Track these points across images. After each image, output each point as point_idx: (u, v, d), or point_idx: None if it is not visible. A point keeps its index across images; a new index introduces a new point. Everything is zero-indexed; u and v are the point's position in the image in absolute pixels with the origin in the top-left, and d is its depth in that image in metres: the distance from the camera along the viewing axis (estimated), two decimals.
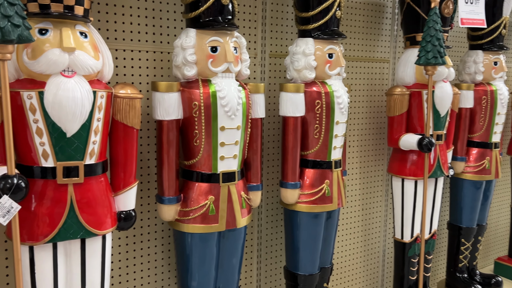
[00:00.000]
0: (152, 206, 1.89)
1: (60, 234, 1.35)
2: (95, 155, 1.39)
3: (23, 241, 1.33)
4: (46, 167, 1.33)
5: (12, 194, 1.20)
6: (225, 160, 1.66)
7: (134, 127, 1.48)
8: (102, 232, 1.43)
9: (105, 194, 1.45)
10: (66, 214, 1.35)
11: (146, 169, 1.85)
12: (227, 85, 1.61)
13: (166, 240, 1.95)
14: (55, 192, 1.34)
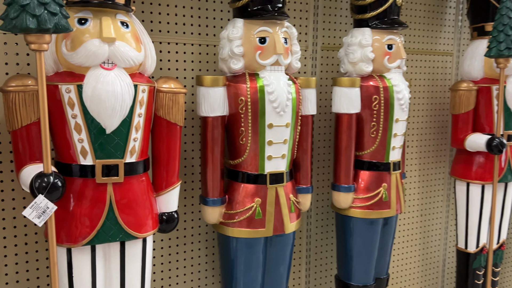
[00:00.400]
0: (195, 208, 1.81)
1: (98, 236, 1.29)
2: (136, 153, 1.32)
3: (60, 243, 1.28)
4: (84, 165, 1.27)
5: (48, 193, 1.14)
6: (272, 160, 1.55)
7: (177, 124, 1.40)
8: (143, 235, 1.36)
9: (146, 194, 1.38)
10: (105, 215, 1.29)
11: (190, 168, 1.77)
12: (276, 79, 1.50)
13: (210, 243, 1.86)
14: (94, 191, 1.28)
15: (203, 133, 1.56)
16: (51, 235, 1.18)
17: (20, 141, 1.24)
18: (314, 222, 2.10)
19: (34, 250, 1.54)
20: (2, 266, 1.50)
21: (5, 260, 1.51)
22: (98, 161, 1.26)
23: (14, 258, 1.52)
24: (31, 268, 1.55)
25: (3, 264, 1.51)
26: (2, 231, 1.49)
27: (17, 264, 1.53)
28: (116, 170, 1.28)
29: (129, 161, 1.31)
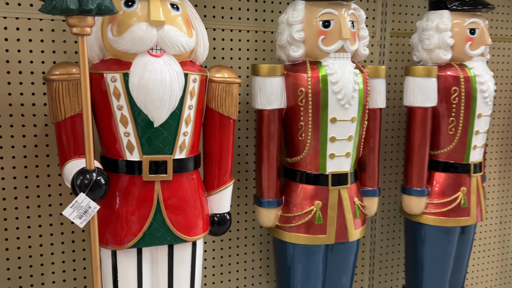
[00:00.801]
0: (249, 209, 1.69)
1: (145, 239, 1.20)
2: (186, 148, 1.22)
3: (105, 245, 1.20)
4: (131, 161, 1.18)
5: (90, 191, 1.06)
6: (335, 159, 1.40)
7: (230, 117, 1.29)
8: (192, 238, 1.26)
9: (197, 193, 1.27)
10: (152, 216, 1.20)
11: (244, 166, 1.66)
12: (341, 67, 1.35)
13: (264, 247, 1.74)
14: (141, 190, 1.19)
15: (258, 128, 1.43)
16: (93, 237, 1.10)
17: (64, 133, 1.17)
18: (379, 228, 1.93)
19: (81, 249, 1.49)
20: (49, 264, 1.46)
21: (52, 258, 1.46)
22: (145, 157, 1.17)
23: (61, 256, 1.47)
24: (78, 267, 1.50)
25: (49, 262, 1.46)
26: (48, 228, 1.44)
27: (64, 263, 1.48)
28: (164, 167, 1.19)
29: (179, 157, 1.21)
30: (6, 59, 1.32)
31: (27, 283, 1.44)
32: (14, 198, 1.39)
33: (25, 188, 1.40)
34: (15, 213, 1.39)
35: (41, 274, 1.46)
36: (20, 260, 1.42)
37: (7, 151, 1.36)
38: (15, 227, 1.40)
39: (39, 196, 1.42)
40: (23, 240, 1.42)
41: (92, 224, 1.10)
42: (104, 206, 1.18)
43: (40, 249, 1.44)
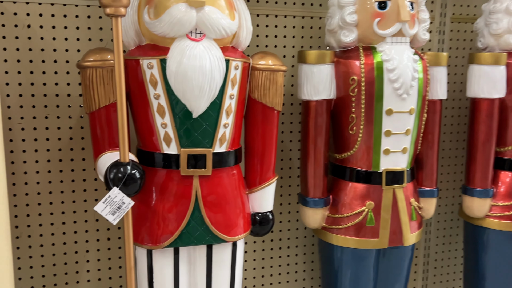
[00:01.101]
0: (293, 208, 1.60)
1: (182, 238, 1.13)
2: (226, 141, 1.14)
3: (141, 243, 1.14)
4: (168, 154, 1.11)
5: (124, 186, 0.99)
6: (390, 155, 1.29)
7: (274, 108, 1.20)
8: (233, 239, 1.18)
9: (238, 190, 1.19)
10: (189, 213, 1.13)
11: (287, 162, 1.57)
12: (399, 53, 1.24)
13: (309, 249, 1.65)
14: (178, 185, 1.12)
15: (304, 121, 1.34)
16: (127, 235, 1.04)
17: (98, 124, 1.11)
18: (435, 231, 1.79)
19: (117, 247, 1.44)
20: (83, 262, 1.41)
21: (87, 255, 1.42)
22: (183, 150, 1.10)
23: (96, 254, 1.43)
24: (114, 266, 1.45)
25: (84, 260, 1.42)
26: (84, 224, 1.40)
27: (99, 261, 1.43)
28: (203, 161, 1.11)
29: (219, 151, 1.13)
30: (41, 47, 1.28)
31: (61, 281, 1.41)
32: (48, 192, 1.35)
33: (59, 182, 1.35)
34: (50, 208, 1.36)
35: (76, 272, 1.42)
36: (54, 257, 1.39)
37: (42, 143, 1.32)
38: (50, 223, 1.36)
39: (74, 191, 1.37)
40: (57, 236, 1.38)
41: (126, 222, 1.03)
42: (139, 202, 1.12)
43: (74, 246, 1.40)
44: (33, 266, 1.37)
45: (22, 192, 1.33)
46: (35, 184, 1.33)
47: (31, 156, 1.31)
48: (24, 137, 1.30)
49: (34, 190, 1.33)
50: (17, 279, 1.36)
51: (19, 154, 1.30)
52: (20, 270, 1.36)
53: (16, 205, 1.33)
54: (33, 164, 1.32)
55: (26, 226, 1.34)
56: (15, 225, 1.33)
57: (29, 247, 1.36)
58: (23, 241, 1.35)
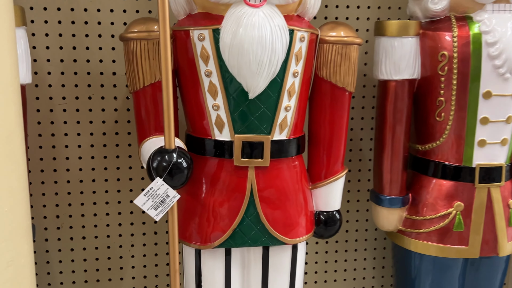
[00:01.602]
0: (362, 206, 1.43)
1: (235, 238, 1.00)
2: (287, 127, 0.99)
3: (188, 242, 1.03)
4: (220, 140, 0.98)
5: (168, 176, 0.87)
6: (486, 147, 1.09)
7: (346, 89, 1.04)
8: (293, 241, 1.04)
9: (299, 185, 1.05)
10: (243, 209, 1.00)
11: (357, 153, 1.40)
12: (501, 24, 1.04)
13: (379, 254, 1.48)
14: (231, 177, 0.99)
15: (381, 105, 1.17)
16: (172, 233, 0.92)
17: (143, 105, 1.00)
18: None
19: (164, 241, 1.34)
20: (128, 257, 1.32)
21: (132, 250, 1.32)
22: (237, 136, 0.96)
23: (142, 249, 1.33)
24: (161, 263, 1.36)
25: (129, 255, 1.33)
26: (129, 216, 1.30)
27: (144, 257, 1.34)
28: (260, 150, 0.97)
29: (278, 139, 0.99)
30: (84, 19, 1.18)
31: (104, 276, 1.32)
32: (92, 180, 1.26)
33: (103, 169, 1.26)
34: (93, 198, 1.27)
35: (120, 268, 1.33)
36: (97, 250, 1.31)
37: (85, 126, 1.23)
38: (93, 214, 1.28)
39: (119, 179, 1.28)
40: (101, 228, 1.29)
41: (170, 218, 0.92)
42: (186, 194, 1.01)
43: (119, 239, 1.31)
44: (75, 260, 1.30)
45: (64, 180, 1.25)
46: (77, 171, 1.25)
47: (73, 140, 1.23)
48: (66, 119, 1.22)
49: (76, 178, 1.25)
50: (57, 272, 1.30)
51: (61, 138, 1.22)
52: (61, 264, 1.29)
53: (57, 193, 1.25)
54: (75, 149, 1.24)
55: (67, 216, 1.27)
56: (56, 215, 1.26)
57: (71, 239, 1.28)
58: (64, 232, 1.28)
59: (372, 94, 1.36)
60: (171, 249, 0.94)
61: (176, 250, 0.94)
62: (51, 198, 1.25)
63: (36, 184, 1.23)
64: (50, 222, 1.26)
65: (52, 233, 1.27)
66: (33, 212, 1.20)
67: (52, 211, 1.26)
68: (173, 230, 0.91)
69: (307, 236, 1.07)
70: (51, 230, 1.27)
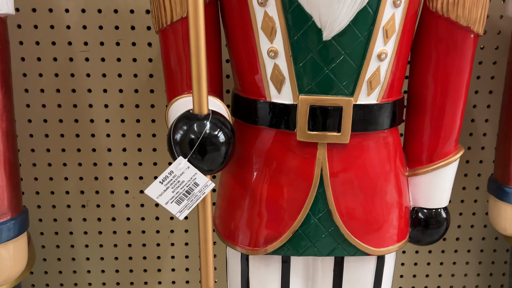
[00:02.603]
0: (479, 206, 1.08)
1: (295, 244, 0.72)
2: (380, 85, 0.67)
3: (233, 243, 0.75)
4: (278, 104, 0.67)
5: (197, 156, 0.59)
6: None
7: (471, 29, 0.69)
8: (379, 251, 0.73)
9: (392, 171, 0.73)
10: (308, 205, 0.70)
11: (469, 125, 1.04)
12: None
13: (499, 268, 1.12)
14: (293, 158, 0.69)
15: None
16: (203, 241, 0.64)
17: (171, 49, 0.71)
18: None
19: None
20: (167, 245, 1.08)
21: (171, 237, 1.08)
22: (303, 98, 0.65)
23: (184, 236, 1.08)
24: None
25: (168, 243, 1.08)
26: None
27: (187, 245, 1.09)
28: (336, 119, 0.66)
29: (365, 103, 0.67)
30: None
31: (139, 266, 1.09)
32: (122, 149, 1.02)
33: (136, 136, 1.01)
34: (123, 171, 1.03)
35: (157, 258, 1.09)
36: (130, 235, 1.07)
37: (112, 81, 0.97)
38: (124, 190, 1.04)
39: (155, 149, 1.02)
40: (134, 208, 1.05)
41: (202, 217, 0.63)
42: (229, 176, 0.73)
43: (156, 223, 1.07)
44: (103, 245, 1.07)
45: (88, 148, 1.01)
46: (105, 137, 1.00)
47: (99, 99, 0.98)
48: (88, 71, 0.96)
49: (103, 146, 1.01)
50: (84, 259, 1.08)
51: (83, 95, 0.98)
52: (87, 248, 1.07)
53: (80, 163, 1.02)
54: (101, 109, 0.99)
55: (94, 193, 1.04)
56: (80, 190, 1.03)
57: (98, 220, 1.06)
58: (91, 211, 1.05)
59: (494, 45, 0.98)
60: (202, 258, 0.66)
61: (210, 258, 0.66)
62: (75, 170, 1.02)
63: (56, 151, 1.00)
64: (74, 198, 1.04)
65: (77, 212, 1.05)
66: (54, 185, 0.98)
67: (75, 185, 1.03)
68: (206, 235, 0.63)
69: (399, 244, 0.75)
70: (75, 209, 1.05)
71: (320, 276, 0.78)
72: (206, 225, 0.63)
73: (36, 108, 0.97)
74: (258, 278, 0.77)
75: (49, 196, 1.03)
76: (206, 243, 0.64)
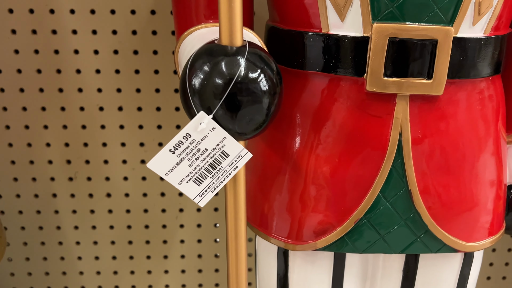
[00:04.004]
0: None
1: (356, 237, 0.53)
2: (491, 10, 0.46)
3: (266, 233, 0.56)
4: (340, 37, 0.46)
5: (228, 110, 0.39)
6: None
7: None
8: (473, 246, 0.54)
9: (494, 136, 0.53)
10: (380, 182, 0.50)
11: None
12: None
13: None
14: (358, 116, 0.49)
15: None
16: (233, 234, 0.44)
17: None
18: None
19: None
20: (175, 227, 0.89)
21: (180, 217, 0.89)
22: (378, 27, 0.45)
23: (196, 216, 0.89)
24: (224, 237, 0.91)
25: (177, 224, 0.89)
26: None
27: (199, 227, 0.90)
28: (427, 59, 0.46)
29: (468, 36, 0.46)
30: None
31: (141, 252, 0.91)
32: (117, 108, 0.81)
33: (135, 91, 0.81)
34: (120, 135, 0.83)
35: (163, 242, 0.91)
36: (129, 215, 0.88)
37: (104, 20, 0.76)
38: (121, 160, 0.84)
39: (159, 108, 0.82)
40: (133, 182, 0.86)
41: (231, 202, 0.44)
42: (263, 144, 0.53)
43: (161, 200, 0.88)
44: (97, 227, 0.89)
45: (75, 105, 0.80)
46: (95, 91, 0.80)
47: (86, 42, 0.77)
48: (72, 6, 0.75)
49: (93, 103, 0.81)
50: (73, 243, 0.89)
51: (67, 37, 0.77)
52: (77, 230, 0.89)
53: (65, 126, 0.82)
54: (90, 55, 0.78)
55: (83, 163, 0.84)
56: (66, 160, 0.84)
57: (90, 196, 0.86)
58: (80, 185, 0.85)
59: None
60: (229, 255, 0.47)
61: (244, 258, 0.47)
62: (59, 134, 0.82)
63: (34, 109, 0.80)
64: (58, 169, 0.85)
65: (63, 186, 0.86)
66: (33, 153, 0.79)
67: (60, 154, 0.84)
68: (237, 229, 0.43)
69: (496, 236, 0.56)
70: (60, 181, 0.85)
71: (383, 275, 0.59)
72: (238, 214, 0.43)
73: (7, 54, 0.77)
74: (300, 279, 0.58)
75: (28, 167, 0.84)
76: (237, 239, 0.45)
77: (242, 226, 0.44)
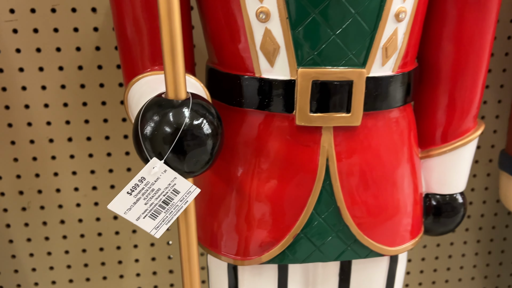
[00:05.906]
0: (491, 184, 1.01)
1: (296, 250, 0.62)
2: (396, 53, 0.56)
3: (216, 251, 0.63)
4: (271, 80, 0.55)
5: (177, 154, 0.46)
6: None
7: None
8: (396, 250, 0.64)
9: (408, 155, 0.63)
10: (312, 203, 0.59)
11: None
12: None
13: (497, 245, 1.06)
14: (292, 146, 0.57)
15: None
16: (186, 258, 0.51)
17: (125, 14, 0.56)
18: None
19: None
20: (129, 247, 0.95)
21: (134, 237, 0.94)
22: (303, 72, 0.53)
23: (149, 236, 0.95)
24: (178, 253, 0.97)
25: (131, 245, 0.95)
26: None
27: (153, 246, 0.96)
28: (345, 96, 0.55)
29: (379, 75, 0.56)
30: None
31: (97, 274, 0.96)
32: (67, 139, 0.86)
33: (84, 122, 0.86)
34: (70, 165, 0.87)
35: (118, 262, 0.96)
36: (83, 239, 0.93)
37: (51, 56, 0.81)
38: (73, 188, 0.89)
39: (107, 137, 0.87)
40: (86, 208, 0.91)
41: (184, 230, 0.51)
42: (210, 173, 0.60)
43: (114, 223, 0.93)
44: (52, 253, 0.93)
45: (25, 139, 0.84)
46: (44, 125, 0.84)
47: (34, 79, 0.81)
48: (18, 45, 0.79)
49: (43, 136, 0.85)
50: (29, 270, 0.93)
51: (14, 75, 0.81)
52: (32, 258, 0.92)
53: (16, 159, 0.85)
54: (38, 92, 0.82)
55: (36, 192, 0.88)
56: (18, 191, 0.87)
57: (44, 224, 0.91)
58: (33, 214, 0.89)
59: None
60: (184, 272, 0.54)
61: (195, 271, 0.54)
62: (11, 167, 0.86)
63: None
64: (11, 200, 0.88)
65: (16, 217, 0.89)
66: None
67: (11, 186, 0.87)
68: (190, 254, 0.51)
69: (416, 239, 0.66)
70: (13, 212, 0.89)
71: (323, 280, 0.67)
72: (189, 240, 0.50)
73: None
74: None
75: None
76: (190, 262, 0.52)
77: (194, 250, 0.51)
